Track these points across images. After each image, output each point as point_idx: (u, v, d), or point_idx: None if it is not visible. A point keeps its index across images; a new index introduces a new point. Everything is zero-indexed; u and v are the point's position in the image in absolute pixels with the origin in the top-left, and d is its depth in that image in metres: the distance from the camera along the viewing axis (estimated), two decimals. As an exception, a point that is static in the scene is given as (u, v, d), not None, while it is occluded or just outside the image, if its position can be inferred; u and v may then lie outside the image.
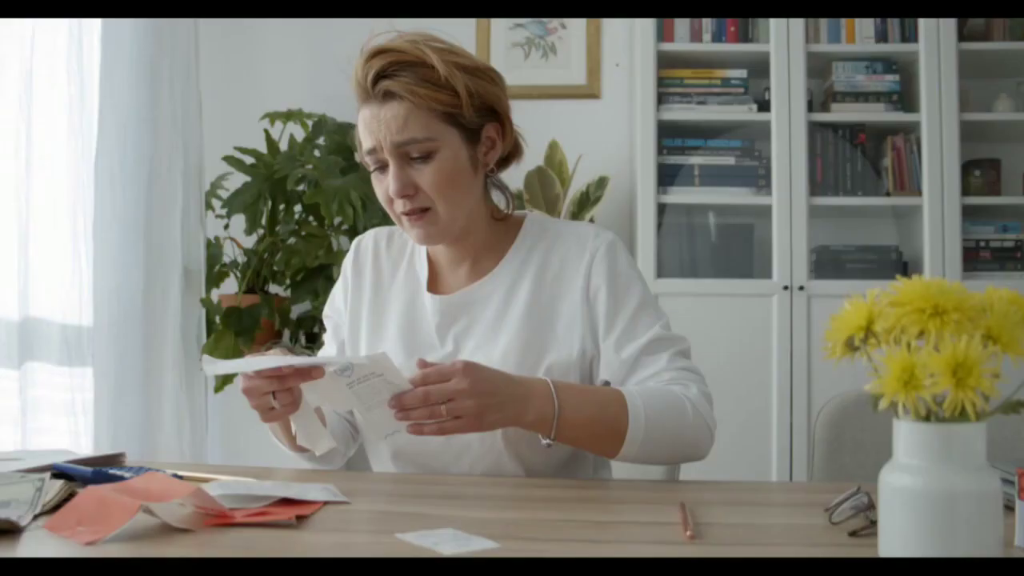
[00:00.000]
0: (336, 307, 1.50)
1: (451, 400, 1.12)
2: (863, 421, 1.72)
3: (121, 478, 1.12)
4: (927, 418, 0.74)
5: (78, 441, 2.23)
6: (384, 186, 1.30)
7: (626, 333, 1.33)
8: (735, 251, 3.10)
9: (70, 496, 1.01)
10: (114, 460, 1.26)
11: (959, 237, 2.96)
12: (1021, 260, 3.04)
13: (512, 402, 1.17)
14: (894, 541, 0.75)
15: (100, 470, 1.13)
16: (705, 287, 3.00)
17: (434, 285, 1.43)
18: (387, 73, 1.25)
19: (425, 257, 1.45)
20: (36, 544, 0.87)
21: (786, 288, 2.95)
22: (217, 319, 2.83)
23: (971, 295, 0.74)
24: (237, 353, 2.75)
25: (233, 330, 2.77)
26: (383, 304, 1.44)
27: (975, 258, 3.03)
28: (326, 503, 1.05)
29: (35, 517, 0.95)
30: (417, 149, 1.27)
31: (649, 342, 1.32)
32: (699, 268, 3.13)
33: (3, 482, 1.03)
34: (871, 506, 0.96)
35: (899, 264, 3.07)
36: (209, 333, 2.81)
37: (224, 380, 2.72)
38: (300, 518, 0.96)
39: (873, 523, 0.94)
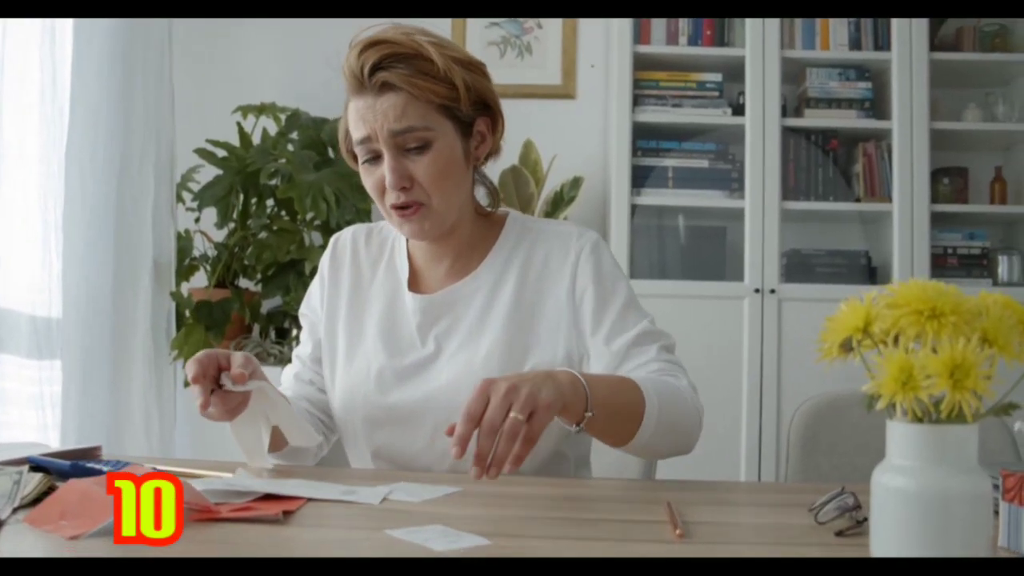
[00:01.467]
0: (312, 306, 1.48)
1: (511, 405, 1.02)
2: (837, 423, 1.74)
3: (99, 471, 1.09)
4: (920, 419, 0.74)
5: (46, 434, 2.19)
6: (375, 177, 1.28)
7: (615, 328, 1.33)
8: (707, 253, 3.12)
9: (49, 489, 0.99)
10: (90, 453, 1.23)
11: (927, 243, 3.01)
12: (987, 268, 3.10)
13: (546, 379, 1.08)
14: (887, 542, 0.76)
15: (77, 463, 1.11)
16: (677, 289, 3.02)
17: (415, 283, 1.41)
18: (383, 65, 1.23)
19: (405, 254, 1.43)
20: (17, 538, 0.85)
21: (757, 291, 2.98)
22: (187, 313, 2.79)
23: (967, 298, 0.74)
24: (207, 346, 2.71)
25: (203, 324, 2.74)
26: (362, 303, 1.42)
27: (943, 265, 3.08)
28: (310, 499, 1.03)
29: (14, 511, 0.93)
30: (414, 139, 1.25)
31: (638, 335, 1.32)
32: (671, 270, 3.15)
33: (-20, 475, 1.01)
34: (857, 506, 0.96)
35: (868, 269, 3.12)
36: (178, 327, 2.78)
37: (194, 375, 2.68)
38: (286, 514, 0.95)
39: (859, 523, 0.95)
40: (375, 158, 1.28)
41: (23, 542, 0.84)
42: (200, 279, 3.00)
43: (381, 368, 1.36)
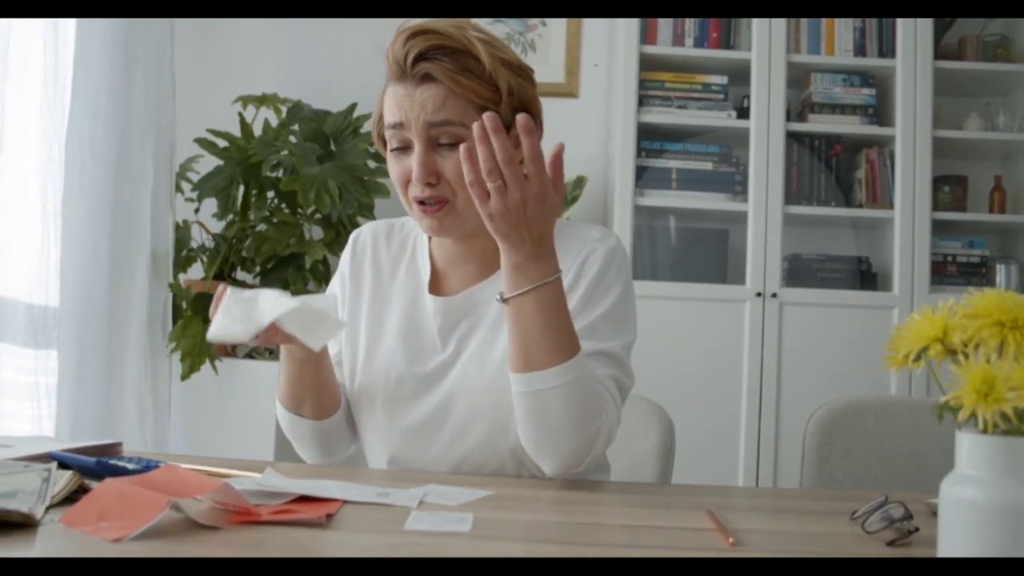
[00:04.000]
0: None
1: (505, 187, 1.07)
2: (852, 429, 1.73)
3: (125, 469, 1.06)
4: (992, 430, 0.73)
5: (40, 425, 2.14)
6: (402, 167, 1.25)
7: (581, 333, 1.22)
8: (710, 256, 3.11)
9: (79, 488, 0.96)
10: (111, 449, 1.20)
11: (928, 251, 3.02)
12: (986, 276, 3.11)
13: (524, 241, 1.10)
14: (955, 552, 0.75)
15: (103, 460, 1.07)
16: (678, 291, 3.01)
17: (436, 285, 1.37)
18: (429, 56, 1.20)
19: (427, 255, 1.38)
20: (55, 540, 0.82)
21: (759, 295, 2.98)
22: (184, 304, 2.75)
23: (1047, 309, 0.73)
24: (205, 341, 2.67)
25: (201, 316, 2.70)
26: (383, 303, 1.38)
27: (942, 272, 3.09)
28: (346, 501, 1.00)
29: (46, 510, 0.89)
30: (448, 134, 1.21)
31: (598, 352, 1.22)
32: (673, 272, 3.13)
33: (6, 471, 0.97)
34: (908, 516, 0.95)
35: (869, 275, 3.12)
36: (175, 319, 2.73)
37: (191, 368, 2.64)
38: (328, 517, 0.93)
39: (910, 533, 0.94)
40: (404, 148, 1.25)
41: (62, 544, 0.81)
42: (196, 271, 2.96)
43: (400, 376, 1.32)
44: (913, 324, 0.78)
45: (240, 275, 2.97)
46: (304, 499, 0.98)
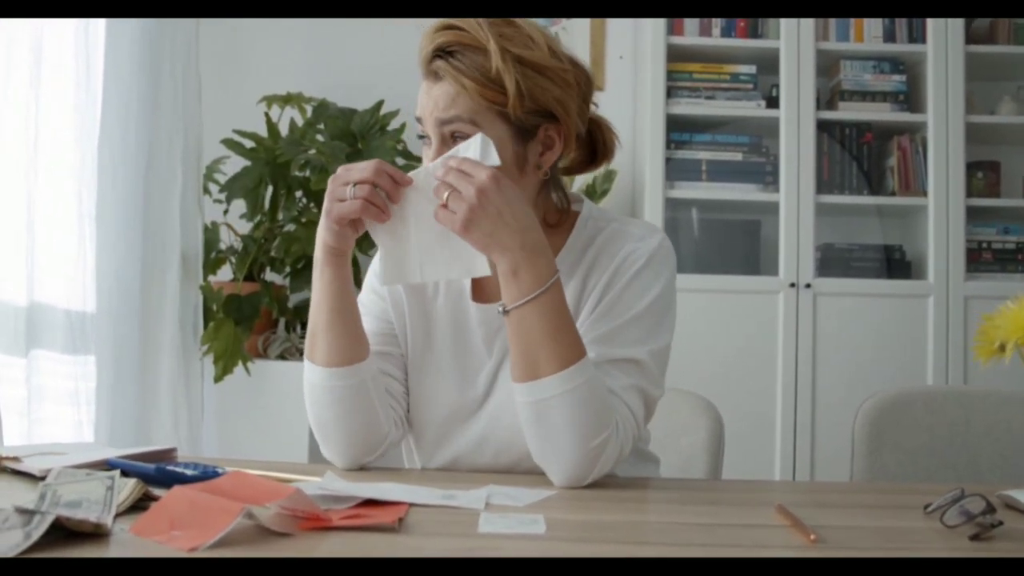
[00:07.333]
0: (374, 287, 1.36)
1: (454, 188, 1.11)
2: (901, 421, 1.70)
3: (185, 476, 1.05)
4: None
5: (81, 431, 2.14)
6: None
7: (608, 335, 1.20)
8: (742, 247, 3.08)
9: (144, 496, 0.95)
10: (165, 455, 1.18)
11: (963, 238, 2.98)
12: (1022, 263, 3.07)
13: (512, 236, 1.11)
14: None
15: (162, 467, 1.06)
16: (711, 283, 2.98)
17: (479, 292, 1.33)
18: (443, 52, 1.18)
19: None
20: (128, 550, 0.80)
21: (793, 285, 2.95)
22: (214, 307, 2.74)
23: None
24: (237, 342, 2.66)
25: (233, 318, 2.69)
26: (428, 314, 1.34)
27: (977, 259, 3.05)
28: (412, 505, 0.99)
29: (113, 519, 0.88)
30: (460, 131, 1.18)
31: (620, 359, 1.19)
32: (706, 264, 3.09)
33: (69, 480, 0.96)
34: (991, 510, 0.93)
35: (903, 264, 3.09)
36: (206, 321, 2.72)
37: (223, 370, 2.64)
38: (399, 520, 0.91)
39: (993, 527, 0.92)
40: (428, 141, 1.23)
41: (138, 554, 0.80)
42: (225, 272, 2.95)
43: (452, 403, 1.30)
44: (1007, 313, 0.76)
45: (269, 276, 2.97)
46: (369, 503, 0.97)
